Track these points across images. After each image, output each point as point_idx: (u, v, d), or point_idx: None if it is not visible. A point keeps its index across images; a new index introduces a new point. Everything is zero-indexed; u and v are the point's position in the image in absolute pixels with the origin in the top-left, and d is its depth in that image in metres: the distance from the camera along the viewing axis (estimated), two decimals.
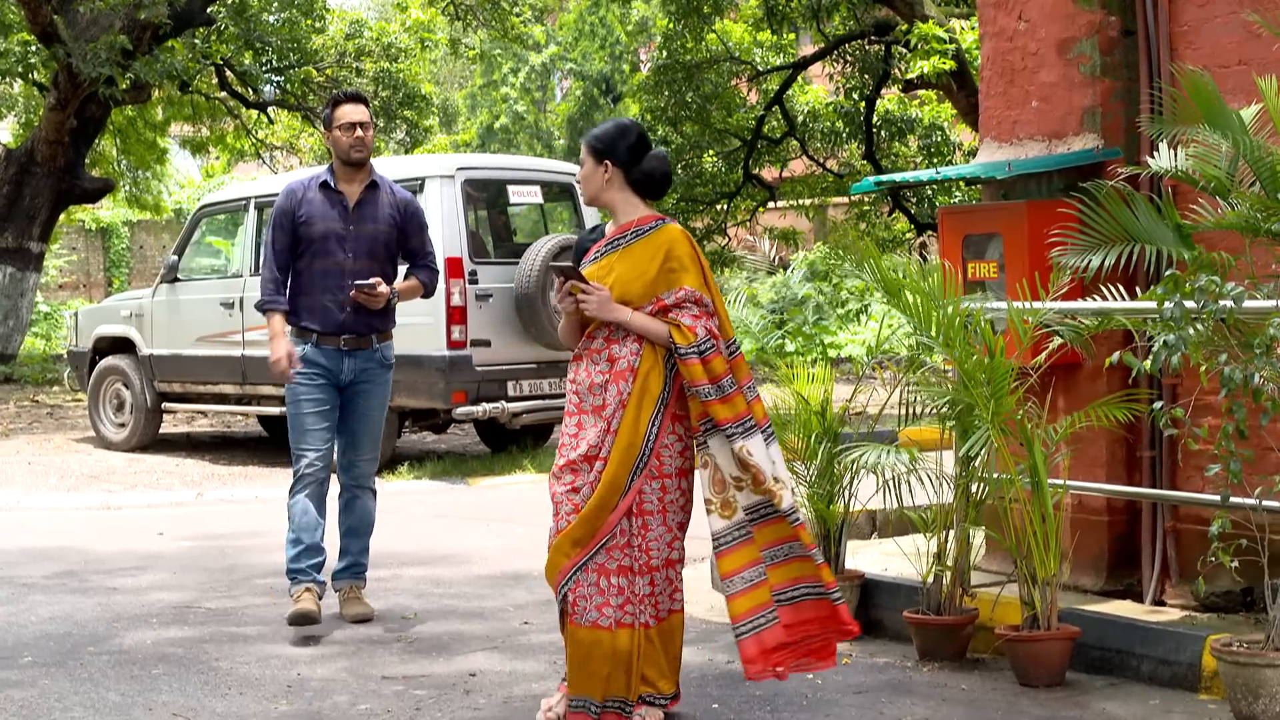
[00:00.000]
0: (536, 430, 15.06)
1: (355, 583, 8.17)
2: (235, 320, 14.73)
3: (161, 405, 15.93)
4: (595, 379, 6.01)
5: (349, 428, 8.14)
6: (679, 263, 6.01)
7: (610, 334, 6.00)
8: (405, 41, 24.80)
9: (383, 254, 8.10)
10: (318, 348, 8.00)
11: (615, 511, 5.92)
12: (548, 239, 13.83)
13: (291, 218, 8.02)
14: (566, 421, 6.12)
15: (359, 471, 8.20)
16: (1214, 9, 7.45)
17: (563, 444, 6.11)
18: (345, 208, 8.03)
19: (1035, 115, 8.02)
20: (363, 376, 8.08)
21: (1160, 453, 7.57)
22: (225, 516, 11.90)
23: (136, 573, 9.45)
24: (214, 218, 16.17)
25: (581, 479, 5.98)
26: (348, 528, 8.18)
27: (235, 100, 25.11)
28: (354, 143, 7.99)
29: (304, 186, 8.08)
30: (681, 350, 5.90)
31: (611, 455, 5.92)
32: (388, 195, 8.17)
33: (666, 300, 5.95)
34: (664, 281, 5.97)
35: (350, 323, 8.01)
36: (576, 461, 5.99)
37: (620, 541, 5.96)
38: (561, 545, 6.03)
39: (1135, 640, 6.54)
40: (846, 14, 22.05)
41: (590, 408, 6.03)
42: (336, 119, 8.04)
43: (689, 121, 23.34)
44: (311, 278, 8.01)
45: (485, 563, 9.55)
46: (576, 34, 38.66)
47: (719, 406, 5.90)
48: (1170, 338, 5.44)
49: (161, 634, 7.81)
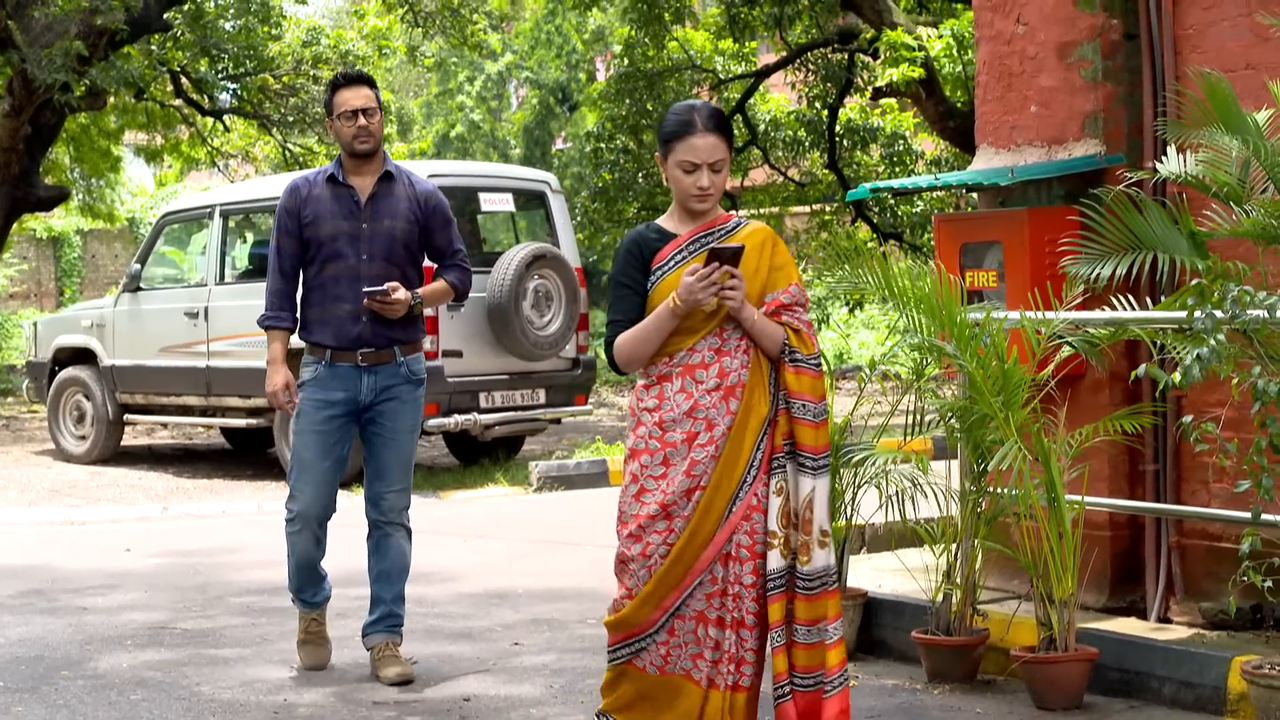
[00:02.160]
0: (508, 442, 14.80)
1: (391, 638, 7.15)
2: (200, 330, 14.43)
3: (123, 417, 15.63)
4: (701, 399, 5.19)
5: (374, 455, 7.16)
6: (784, 259, 5.36)
7: (722, 344, 5.25)
8: (363, 49, 24.55)
9: (402, 255, 7.11)
10: (332, 366, 7.06)
11: (711, 545, 5.18)
12: (521, 247, 13.61)
13: (296, 218, 7.10)
14: (643, 461, 5.26)
15: (388, 505, 7.18)
16: (1220, 12, 7.28)
17: (643, 491, 5.25)
18: (357, 203, 7.07)
19: (1034, 120, 7.84)
20: (386, 395, 7.07)
21: (1164, 466, 7.40)
22: (193, 532, 11.61)
23: (107, 591, 9.16)
24: (178, 226, 15.88)
25: (680, 521, 5.19)
26: (379, 573, 7.21)
27: (190, 108, 24.79)
28: (357, 132, 7.01)
29: (308, 182, 7.16)
30: (800, 359, 5.24)
31: (711, 482, 5.17)
32: (405, 188, 7.17)
33: (783, 299, 5.28)
34: (772, 280, 5.30)
35: (368, 335, 7.03)
36: (672, 503, 5.18)
37: (716, 588, 5.22)
38: (651, 594, 5.21)
39: (1156, 662, 6.34)
40: (809, 22, 21.93)
41: (683, 437, 5.21)
42: (336, 105, 7.07)
43: (650, 130, 23.16)
44: (322, 285, 7.10)
45: (467, 580, 9.30)
46: (533, 43, 38.37)
47: (810, 430, 5.23)
48: (1204, 350, 5.24)
49: (137, 656, 7.54)
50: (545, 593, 8.93)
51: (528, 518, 12.06)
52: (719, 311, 5.22)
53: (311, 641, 7.29)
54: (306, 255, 7.12)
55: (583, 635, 7.81)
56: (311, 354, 7.13)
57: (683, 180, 5.26)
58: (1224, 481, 7.30)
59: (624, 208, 23.51)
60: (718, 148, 5.26)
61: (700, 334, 5.25)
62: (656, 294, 5.28)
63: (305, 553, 7.17)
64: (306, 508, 7.10)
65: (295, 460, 7.15)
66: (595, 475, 13.75)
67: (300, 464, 7.12)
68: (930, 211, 22.95)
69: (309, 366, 7.12)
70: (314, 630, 7.30)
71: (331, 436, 7.08)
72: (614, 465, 13.87)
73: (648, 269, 5.32)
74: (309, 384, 7.09)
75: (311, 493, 7.10)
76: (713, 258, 5.11)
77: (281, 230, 7.16)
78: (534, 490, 13.41)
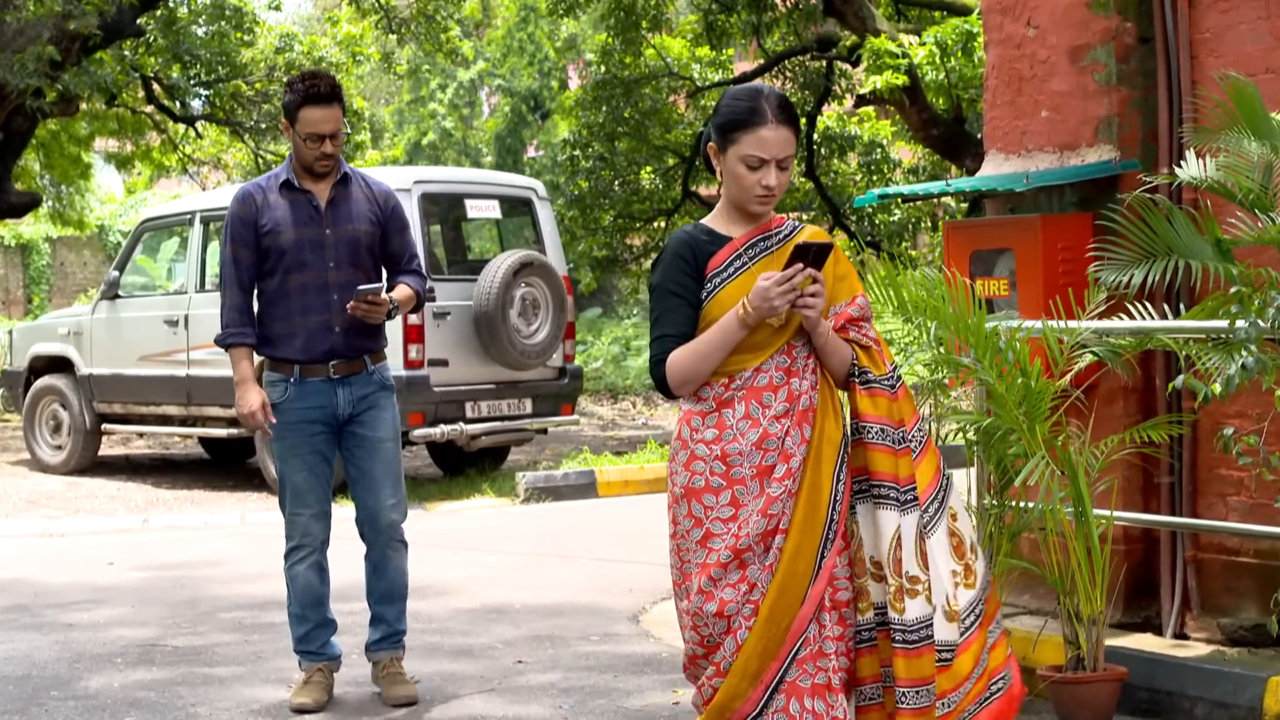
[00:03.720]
0: (493, 452, 14.58)
1: (395, 653, 6.90)
2: (180, 339, 14.19)
3: (101, 427, 15.39)
4: (770, 428, 4.53)
5: (361, 470, 6.81)
6: (847, 267, 4.76)
7: (791, 363, 4.60)
8: (336, 56, 24.37)
9: (367, 260, 6.79)
10: (302, 383, 6.69)
11: (807, 602, 4.50)
12: (508, 255, 13.41)
13: (253, 228, 6.68)
14: (705, 501, 4.56)
15: (385, 522, 6.83)
16: (1238, 15, 7.14)
17: (710, 536, 4.54)
18: (317, 209, 6.71)
19: (1046, 125, 7.69)
20: (364, 405, 6.76)
21: (1180, 479, 7.25)
22: (175, 544, 11.38)
23: (92, 607, 8.93)
24: (157, 232, 15.65)
25: (757, 570, 4.51)
26: (381, 593, 6.92)
27: (162, 114, 24.57)
28: (321, 157, 6.62)
29: (261, 189, 6.73)
30: (872, 379, 4.63)
31: (794, 522, 4.51)
32: (362, 189, 6.84)
33: (850, 312, 4.68)
34: (835, 291, 4.68)
35: (340, 346, 6.69)
36: (746, 549, 4.50)
37: (810, 650, 4.53)
38: (745, 667, 4.50)
39: (1188, 681, 6.18)
40: (787, 30, 21.82)
41: (752, 472, 4.54)
42: (302, 122, 6.56)
43: (626, 138, 23.03)
44: (287, 297, 6.70)
45: (461, 594, 9.09)
46: (505, 50, 38.20)
47: (889, 457, 4.59)
48: (1250, 360, 5.07)
49: (129, 676, 7.31)
50: (544, 608, 8.73)
51: (517, 530, 11.86)
52: (789, 324, 4.59)
53: (308, 688, 6.80)
54: (265, 266, 6.72)
55: (586, 653, 7.63)
56: (275, 370, 6.76)
57: (746, 177, 4.56)
58: (1242, 495, 7.16)
59: (600, 216, 23.38)
60: (789, 142, 4.59)
61: (768, 351, 4.59)
62: (715, 306, 4.60)
63: (309, 587, 6.80)
64: (309, 535, 6.79)
65: (286, 488, 6.79)
66: (583, 486, 13.55)
67: (293, 490, 6.77)
68: (908, 220, 22.87)
69: (276, 386, 6.73)
70: (317, 680, 6.83)
71: (318, 457, 6.75)
72: (602, 476, 13.69)
73: (701, 276, 4.62)
74: (281, 406, 6.71)
75: (312, 519, 6.79)
76: (797, 257, 4.44)
77: (237, 241, 6.73)
78: (521, 501, 13.21)
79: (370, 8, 23.45)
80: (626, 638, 7.99)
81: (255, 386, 6.66)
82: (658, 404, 22.95)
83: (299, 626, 6.84)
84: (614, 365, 27.70)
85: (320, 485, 6.78)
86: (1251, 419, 6.78)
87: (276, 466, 6.84)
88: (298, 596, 6.83)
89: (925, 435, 4.79)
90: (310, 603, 6.81)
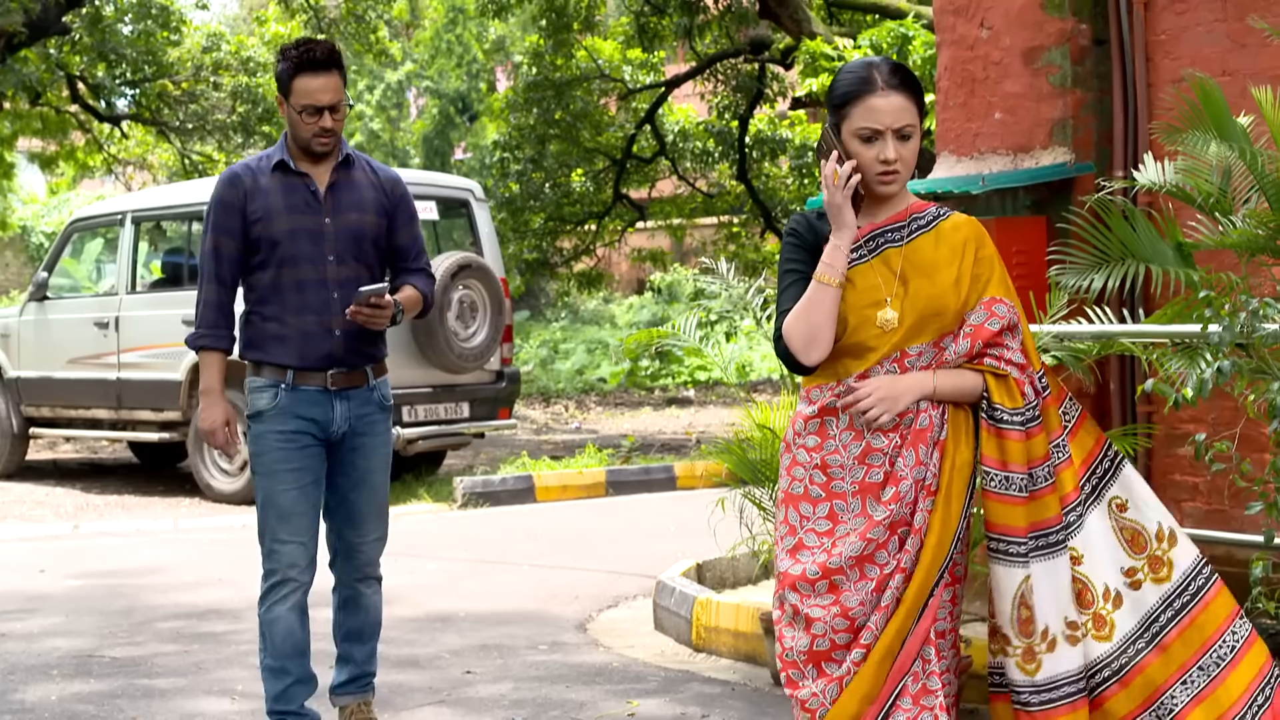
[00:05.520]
0: (429, 457, 14.41)
1: (364, 696, 6.11)
2: (110, 341, 13.92)
3: (29, 431, 15.12)
4: (874, 442, 4.16)
5: (344, 499, 5.94)
6: (988, 266, 4.26)
7: (902, 373, 4.19)
8: (264, 55, 24.14)
9: (372, 254, 5.92)
10: (295, 391, 5.78)
11: (914, 637, 4.15)
12: (445, 257, 13.23)
13: (240, 214, 5.79)
14: (803, 510, 4.23)
15: (363, 559, 6.02)
16: (1194, 17, 7.10)
17: (800, 547, 4.22)
18: (315, 194, 5.83)
19: (999, 127, 7.62)
20: (360, 426, 5.90)
21: None
22: (108, 551, 11.14)
23: (25, 616, 8.71)
24: (87, 233, 15.39)
25: (852, 596, 4.16)
26: (349, 630, 6.08)
27: (87, 113, 24.28)
28: (319, 132, 5.76)
29: (251, 171, 5.85)
30: (1001, 415, 4.17)
31: (919, 567, 4.13)
32: (367, 174, 5.98)
33: (988, 326, 4.20)
34: (973, 294, 4.22)
35: (340, 352, 5.81)
36: (837, 570, 4.16)
37: (914, 689, 4.16)
38: (845, 709, 4.15)
39: None
40: (719, 32, 21.79)
41: (853, 487, 4.19)
42: (297, 93, 5.72)
43: (557, 140, 22.93)
44: (279, 293, 5.81)
45: (404, 603, 8.92)
46: (433, 52, 37.99)
47: (1002, 506, 4.17)
48: (1226, 364, 5.00)
49: (66, 688, 7.10)
50: (489, 616, 8.59)
51: (457, 536, 11.70)
52: (900, 326, 4.18)
53: None
54: (253, 258, 5.84)
55: (536, 662, 7.49)
56: (265, 375, 5.83)
57: (863, 154, 4.16)
58: (1198, 500, 7.11)
59: (530, 218, 23.26)
60: (906, 110, 4.17)
61: (876, 355, 4.19)
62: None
63: (290, 634, 5.80)
64: (293, 566, 5.80)
65: (269, 510, 5.81)
66: (521, 491, 13.41)
67: (278, 513, 5.79)
68: None
69: (264, 392, 5.83)
70: None
71: (309, 475, 5.82)
72: (540, 481, 13.55)
73: (819, 253, 4.20)
74: (269, 414, 5.81)
75: (298, 548, 5.79)
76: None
77: (219, 229, 5.83)
78: (459, 506, 13.05)
79: (299, 8, 23.27)
80: (575, 647, 7.86)
81: (222, 400, 5.84)
82: (590, 407, 22.82)
83: (276, 681, 5.83)
84: (543, 368, 27.58)
85: (310, 509, 5.84)
86: (1208, 424, 6.72)
87: (258, 483, 5.88)
88: (276, 646, 5.81)
89: (1076, 414, 4.38)
90: (291, 653, 5.81)
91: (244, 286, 5.94)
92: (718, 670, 7.32)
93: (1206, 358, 5.32)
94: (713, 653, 7.62)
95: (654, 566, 9.22)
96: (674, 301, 31.79)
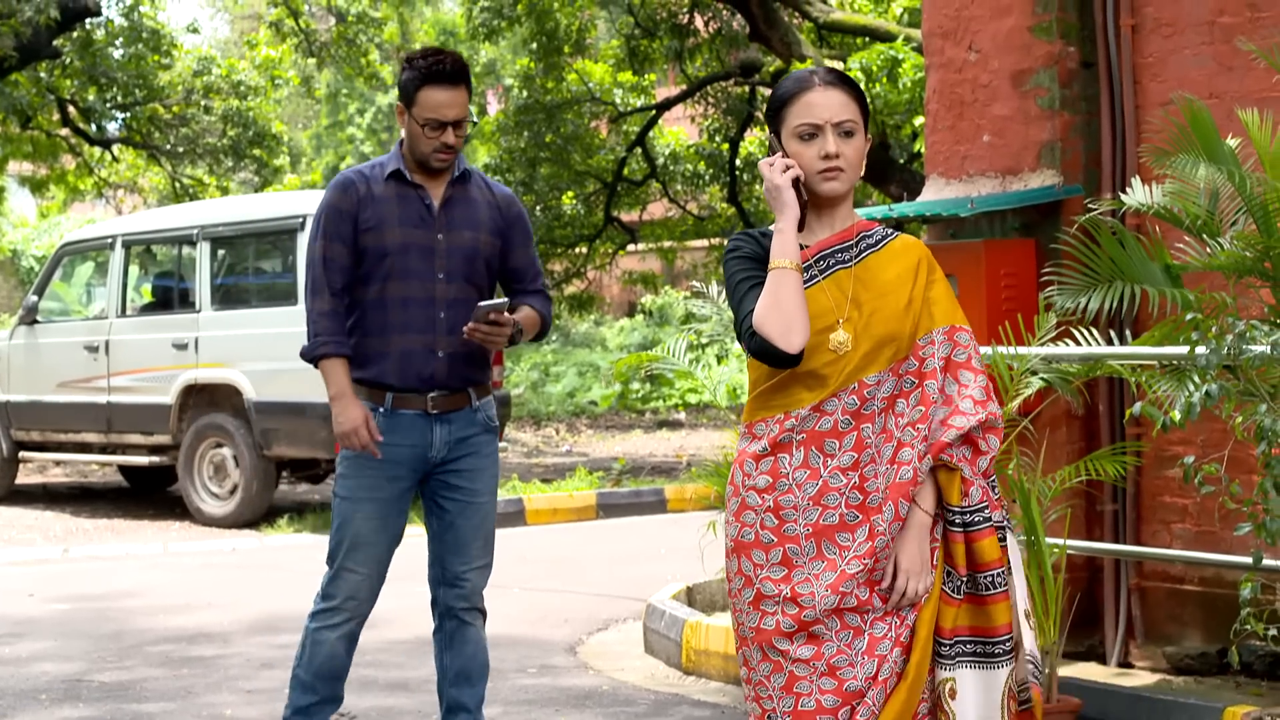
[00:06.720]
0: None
1: None
2: (100, 365, 13.92)
3: (18, 454, 15.12)
4: (832, 480, 3.81)
5: (450, 525, 5.64)
6: (942, 290, 3.97)
7: (861, 405, 3.83)
8: (255, 79, 24.19)
9: (483, 274, 5.65)
10: (393, 414, 5.53)
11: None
12: None
13: (353, 222, 5.52)
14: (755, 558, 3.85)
15: (469, 588, 5.68)
16: (1182, 40, 7.13)
17: (761, 597, 3.82)
18: (429, 209, 5.57)
19: (987, 150, 7.64)
20: (463, 449, 5.61)
21: (1124, 507, 7.22)
22: (97, 575, 11.12)
23: (13, 640, 8.69)
24: (77, 256, 15.39)
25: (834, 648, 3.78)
26: (458, 672, 5.75)
27: (78, 137, 24.31)
28: (441, 148, 5.51)
29: (365, 179, 5.58)
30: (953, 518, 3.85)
31: (916, 643, 3.80)
32: (482, 191, 5.73)
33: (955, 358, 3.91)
34: (925, 318, 3.91)
35: (442, 374, 5.54)
36: (816, 621, 3.78)
37: None
38: None
39: (1142, 712, 6.13)
40: (709, 55, 21.85)
41: (807, 530, 3.82)
42: (421, 105, 5.48)
43: (548, 163, 22.96)
44: (383, 308, 5.55)
45: (393, 625, 8.90)
46: None
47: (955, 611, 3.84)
48: (1214, 387, 5.01)
49: (55, 713, 7.09)
50: None
51: None
52: (855, 350, 3.86)
53: None
54: (359, 269, 5.57)
55: (525, 686, 7.48)
56: (362, 396, 5.56)
57: (804, 153, 3.86)
58: (1186, 522, 7.13)
59: None
60: (845, 105, 3.89)
61: (831, 385, 3.84)
62: None
63: (333, 658, 5.64)
64: (355, 599, 5.62)
65: (345, 533, 5.58)
66: (512, 514, 13.38)
67: (353, 540, 5.56)
68: None
69: None
70: None
71: (394, 505, 5.59)
72: (530, 504, 13.54)
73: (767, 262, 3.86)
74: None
75: (365, 581, 5.61)
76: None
77: (330, 236, 5.54)
78: None
79: (290, 31, 23.29)
80: (565, 670, 7.85)
81: (355, 400, 5.48)
82: (581, 430, 22.82)
83: (303, 696, 5.66)
84: (534, 391, 27.57)
85: (387, 542, 5.63)
86: (1197, 446, 6.74)
87: (336, 505, 5.66)
88: (314, 665, 5.64)
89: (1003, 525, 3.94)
90: (326, 675, 5.66)
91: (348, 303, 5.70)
92: (707, 693, 7.32)
93: (1194, 380, 5.35)
94: (703, 675, 7.62)
95: (644, 589, 9.21)
96: (665, 324, 31.77)
